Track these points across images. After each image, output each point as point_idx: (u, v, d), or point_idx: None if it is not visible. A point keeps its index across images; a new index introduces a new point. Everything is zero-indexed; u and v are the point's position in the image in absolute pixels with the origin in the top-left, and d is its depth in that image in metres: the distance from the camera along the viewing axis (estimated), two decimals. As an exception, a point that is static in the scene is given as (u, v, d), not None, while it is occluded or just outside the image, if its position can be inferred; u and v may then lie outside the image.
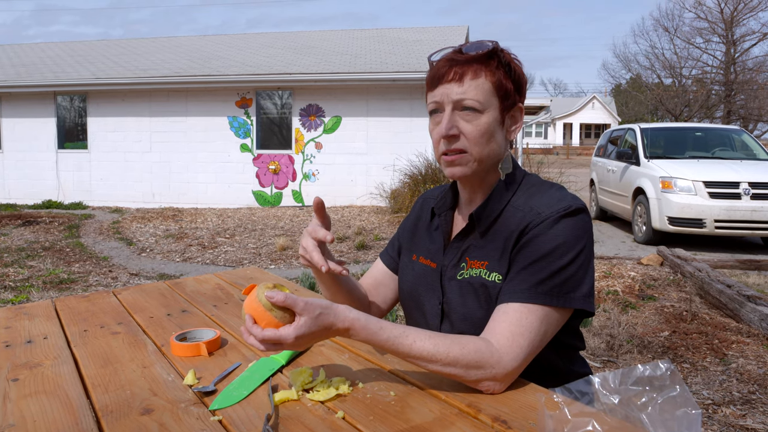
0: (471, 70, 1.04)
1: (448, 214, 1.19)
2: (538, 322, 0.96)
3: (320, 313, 0.89)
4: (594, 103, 46.92)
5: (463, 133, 1.05)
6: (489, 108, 1.04)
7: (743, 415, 2.54)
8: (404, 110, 10.32)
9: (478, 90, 1.03)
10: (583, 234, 1.01)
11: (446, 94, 1.05)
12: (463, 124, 1.04)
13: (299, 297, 0.89)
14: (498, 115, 1.06)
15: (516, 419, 0.85)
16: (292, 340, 0.88)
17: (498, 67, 1.05)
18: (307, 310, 0.88)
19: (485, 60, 1.05)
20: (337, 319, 0.91)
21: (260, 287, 0.93)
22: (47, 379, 1.03)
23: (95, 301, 1.55)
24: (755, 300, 3.87)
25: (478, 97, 1.03)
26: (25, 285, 4.98)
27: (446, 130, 1.04)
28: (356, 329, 0.92)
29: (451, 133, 1.04)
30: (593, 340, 3.47)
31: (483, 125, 1.04)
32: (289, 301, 0.88)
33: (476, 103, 1.03)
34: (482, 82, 1.04)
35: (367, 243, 6.96)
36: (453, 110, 1.05)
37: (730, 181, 6.60)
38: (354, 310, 0.93)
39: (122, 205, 11.34)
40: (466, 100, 1.03)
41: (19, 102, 11.59)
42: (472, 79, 1.03)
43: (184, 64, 11.90)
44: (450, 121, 1.04)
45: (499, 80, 1.05)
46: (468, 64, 1.04)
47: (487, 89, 1.04)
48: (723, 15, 28.97)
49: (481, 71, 1.04)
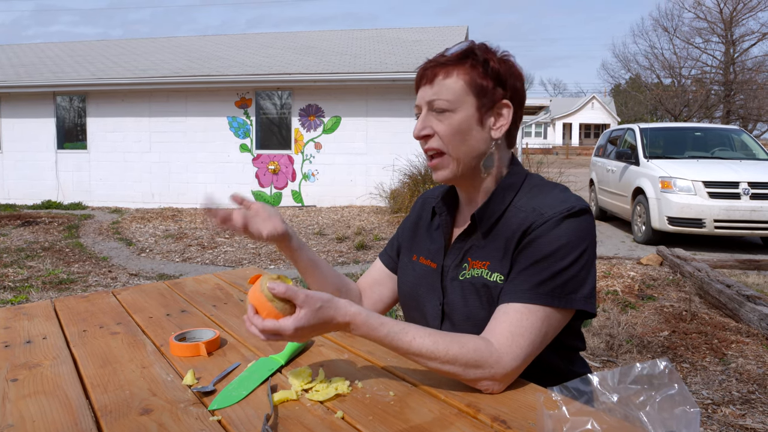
0: (443, 71, 1.06)
1: (448, 213, 1.18)
2: (539, 322, 0.96)
3: (321, 306, 0.90)
4: (593, 103, 46.93)
5: (437, 132, 1.07)
6: (461, 106, 1.05)
7: (743, 414, 2.54)
8: (404, 110, 10.32)
9: (448, 90, 1.05)
10: (586, 235, 1.01)
11: (422, 97, 1.08)
12: (436, 123, 1.07)
13: (301, 289, 0.89)
14: (474, 113, 1.06)
15: (515, 419, 0.85)
16: (291, 331, 0.88)
17: (473, 66, 1.06)
18: (307, 303, 0.89)
19: (459, 60, 1.06)
20: (338, 312, 0.91)
21: (264, 278, 0.93)
22: (46, 379, 1.03)
23: (94, 302, 1.55)
24: (755, 300, 3.87)
25: (448, 97, 1.05)
26: (25, 285, 4.97)
27: (418, 131, 1.08)
28: (357, 324, 0.92)
29: (423, 134, 1.08)
30: (593, 340, 3.47)
31: (455, 123, 1.05)
32: (290, 293, 0.88)
33: (446, 102, 1.05)
34: (453, 80, 1.05)
35: (367, 243, 6.96)
36: (428, 111, 1.08)
37: (729, 180, 6.60)
38: (355, 305, 0.93)
39: (122, 205, 11.34)
40: (436, 101, 1.05)
41: (18, 102, 11.58)
42: (443, 79, 1.05)
43: (184, 65, 11.89)
44: (423, 122, 1.08)
45: (473, 78, 1.05)
46: (441, 66, 1.06)
47: (459, 88, 1.05)
48: (722, 15, 28.98)
49: (452, 71, 1.05)
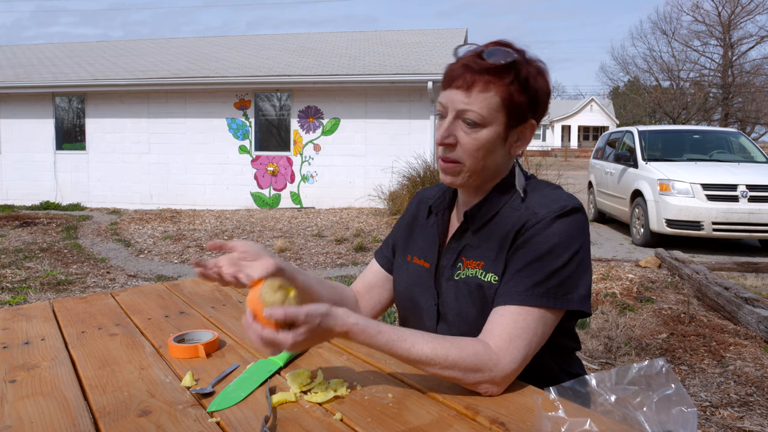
0: (482, 81, 1.00)
1: (444, 213, 1.18)
2: (535, 323, 0.96)
3: (320, 321, 0.89)
4: (592, 106, 47.01)
5: (460, 144, 1.03)
6: (492, 123, 1.01)
7: (741, 417, 2.54)
8: (402, 112, 10.33)
9: (483, 103, 1.00)
10: (579, 234, 1.01)
11: (451, 101, 1.02)
12: (462, 134, 1.02)
13: (300, 309, 0.88)
14: (501, 131, 1.03)
15: (514, 421, 0.85)
16: (290, 345, 0.88)
17: (513, 82, 1.01)
18: (307, 321, 0.88)
19: (500, 72, 1.00)
20: (336, 323, 0.91)
21: (265, 285, 0.92)
22: (44, 380, 1.03)
23: (93, 303, 1.55)
24: (753, 302, 3.87)
25: (482, 111, 1.00)
26: (23, 286, 4.97)
27: (442, 138, 1.03)
28: (354, 333, 0.92)
29: (447, 142, 1.03)
30: (591, 342, 3.47)
31: (482, 139, 1.02)
32: (289, 317, 0.87)
33: (478, 116, 1.00)
34: (490, 95, 1.00)
35: (366, 245, 6.96)
36: (455, 119, 1.03)
37: (727, 183, 6.62)
38: (353, 315, 0.93)
39: (120, 206, 11.33)
40: (468, 112, 1.00)
41: (17, 103, 11.58)
42: (480, 92, 1.00)
43: (183, 66, 11.90)
44: (448, 130, 1.03)
45: (510, 96, 1.01)
46: (480, 74, 1.00)
47: (494, 104, 1.00)
48: (720, 18, 29.04)
49: (491, 84, 1.00)
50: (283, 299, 0.91)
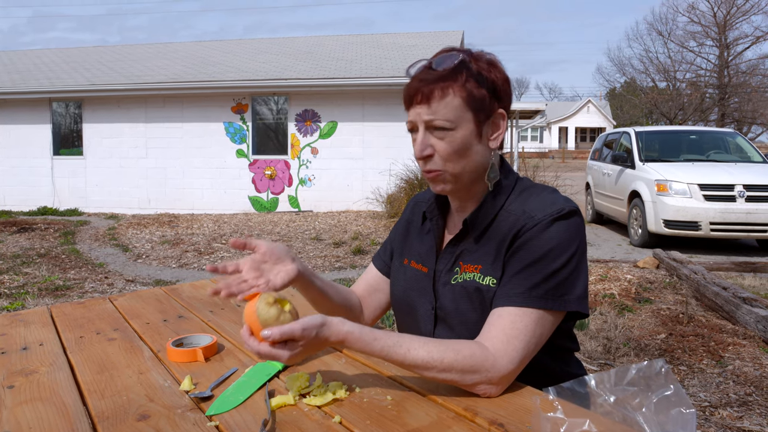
0: (438, 89, 1.02)
1: (439, 218, 1.19)
2: (533, 325, 0.97)
3: (316, 334, 0.91)
4: (589, 107, 47.10)
5: (437, 152, 1.04)
6: (462, 123, 1.03)
7: (740, 417, 2.54)
8: (400, 115, 10.33)
9: (447, 108, 1.02)
10: (576, 236, 1.02)
11: (418, 115, 1.04)
12: (436, 142, 1.04)
13: (295, 325, 0.89)
14: (473, 128, 1.04)
15: (512, 422, 0.85)
16: (287, 359, 0.90)
17: (468, 80, 1.03)
18: (304, 337, 0.90)
19: (453, 75, 1.02)
20: (331, 333, 0.92)
21: (261, 301, 0.93)
22: (43, 385, 1.03)
23: (91, 308, 1.55)
24: (751, 302, 3.88)
25: (448, 116, 1.02)
26: (21, 292, 4.95)
27: (419, 152, 1.05)
28: (350, 341, 0.93)
29: (425, 154, 1.05)
30: (590, 343, 3.48)
31: (457, 142, 1.03)
32: (285, 335, 0.88)
33: (446, 122, 1.02)
34: (450, 99, 1.02)
35: (364, 248, 6.96)
36: (426, 130, 1.04)
37: (724, 183, 6.63)
38: (348, 323, 0.94)
39: (118, 211, 11.32)
40: (435, 120, 1.02)
41: (14, 108, 11.56)
42: (440, 99, 1.02)
43: (180, 70, 11.90)
44: (423, 143, 1.04)
45: (469, 93, 1.03)
46: (435, 83, 1.02)
47: (457, 105, 1.02)
48: (716, 19, 29.14)
49: (448, 89, 1.02)
50: (278, 314, 0.92)
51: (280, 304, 0.94)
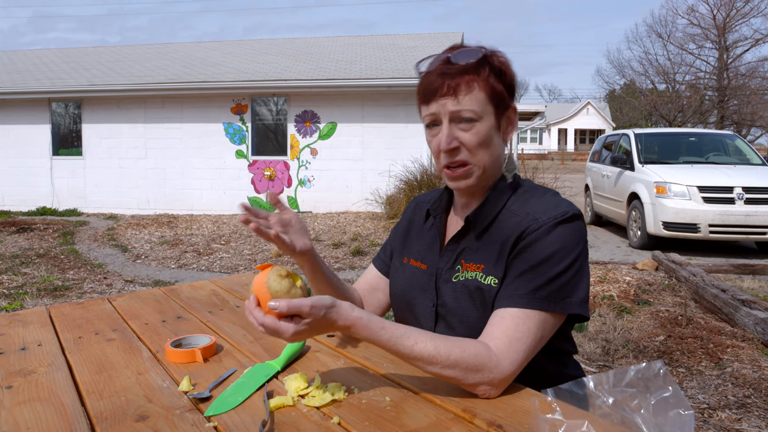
0: (464, 83, 1.03)
1: (442, 216, 1.19)
2: (534, 327, 0.97)
3: (324, 313, 0.89)
4: (588, 109, 47.14)
5: (463, 144, 1.05)
6: (485, 116, 1.05)
7: (738, 419, 2.54)
8: (399, 116, 10.34)
9: (473, 100, 1.03)
10: (579, 240, 1.03)
11: (443, 106, 1.04)
12: (462, 134, 1.05)
13: (304, 300, 0.88)
14: (494, 121, 1.07)
15: (511, 423, 0.85)
16: (291, 335, 0.89)
17: (490, 75, 1.05)
18: (312, 313, 0.88)
19: (476, 69, 1.04)
20: (340, 317, 0.91)
21: (273, 272, 0.92)
22: (41, 386, 1.03)
23: (90, 308, 1.55)
24: (750, 304, 3.88)
25: (474, 108, 1.03)
26: (19, 292, 4.95)
27: (447, 144, 1.04)
28: (357, 327, 0.92)
29: (452, 146, 1.05)
30: (589, 345, 3.48)
31: (482, 133, 1.04)
32: (293, 309, 0.87)
33: (473, 113, 1.03)
34: (476, 92, 1.04)
35: (363, 249, 6.96)
36: (450, 122, 1.05)
37: (724, 185, 6.64)
38: (357, 309, 0.93)
39: (117, 211, 11.31)
40: (463, 112, 1.03)
41: (13, 108, 11.56)
42: (466, 93, 1.03)
43: (180, 71, 11.90)
44: (449, 135, 1.04)
45: (492, 87, 1.05)
46: (460, 76, 1.03)
47: (482, 99, 1.04)
48: (715, 21, 29.17)
49: (473, 82, 1.04)
50: (289, 288, 0.90)
51: (292, 278, 0.92)
